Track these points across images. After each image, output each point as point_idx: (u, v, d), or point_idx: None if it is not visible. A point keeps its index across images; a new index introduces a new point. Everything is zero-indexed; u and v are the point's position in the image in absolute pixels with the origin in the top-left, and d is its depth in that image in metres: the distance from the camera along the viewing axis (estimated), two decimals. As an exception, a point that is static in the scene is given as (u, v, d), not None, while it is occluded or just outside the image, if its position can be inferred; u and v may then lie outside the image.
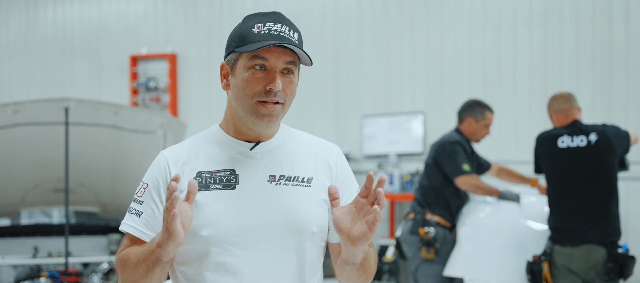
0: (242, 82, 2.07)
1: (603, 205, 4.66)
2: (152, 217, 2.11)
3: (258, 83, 2.05)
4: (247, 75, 2.06)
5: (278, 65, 2.05)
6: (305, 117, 8.71)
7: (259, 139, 2.16)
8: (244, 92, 2.07)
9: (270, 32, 2.04)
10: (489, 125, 5.55)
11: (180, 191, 2.06)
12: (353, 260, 2.02)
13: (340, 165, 2.24)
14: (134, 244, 2.11)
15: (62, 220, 6.22)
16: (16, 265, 5.71)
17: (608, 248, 4.62)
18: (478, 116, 5.50)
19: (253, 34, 2.05)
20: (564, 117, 4.90)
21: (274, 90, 2.03)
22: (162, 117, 5.86)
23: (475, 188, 5.31)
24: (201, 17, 9.54)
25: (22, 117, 5.35)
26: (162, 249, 1.87)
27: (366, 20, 8.74)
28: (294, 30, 2.08)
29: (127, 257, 2.05)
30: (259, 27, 2.05)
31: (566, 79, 7.88)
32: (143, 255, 1.97)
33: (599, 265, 4.61)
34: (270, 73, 2.05)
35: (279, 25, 2.05)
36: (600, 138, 4.70)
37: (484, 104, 5.56)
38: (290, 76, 2.08)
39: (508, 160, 7.52)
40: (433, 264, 5.24)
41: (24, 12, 10.46)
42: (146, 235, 2.10)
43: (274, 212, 2.08)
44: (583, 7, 7.84)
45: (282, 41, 2.02)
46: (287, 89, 2.07)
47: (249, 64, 2.06)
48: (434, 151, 5.50)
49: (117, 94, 9.87)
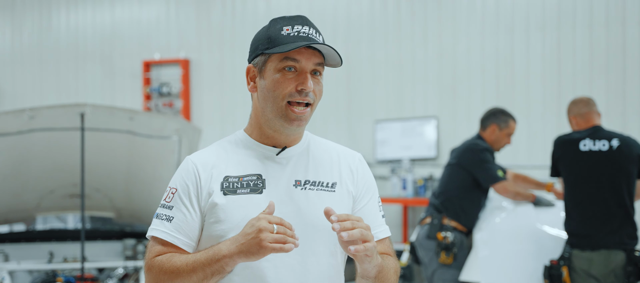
0: (272, 84, 2.10)
1: (622, 210, 4.64)
2: (183, 221, 2.12)
3: (289, 84, 2.08)
4: (278, 76, 2.09)
5: (308, 66, 2.09)
6: (318, 122, 8.71)
7: (285, 144, 2.18)
8: (274, 93, 2.09)
9: (300, 34, 2.08)
10: (511, 134, 5.51)
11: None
12: (366, 274, 2.05)
13: (361, 172, 2.26)
14: (165, 250, 2.12)
15: (77, 225, 6.24)
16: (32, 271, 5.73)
17: (627, 252, 4.60)
18: (502, 124, 5.47)
19: (283, 36, 2.08)
20: (584, 122, 4.89)
21: (306, 90, 2.08)
22: (177, 122, 5.87)
23: (514, 195, 5.31)
24: (213, 23, 9.57)
25: (38, 122, 5.36)
26: (232, 259, 1.95)
27: (378, 25, 8.74)
28: (319, 33, 2.13)
29: (169, 264, 2.06)
30: (288, 29, 2.08)
31: (580, 84, 7.86)
32: (200, 263, 2.00)
33: (618, 269, 4.59)
34: (301, 74, 2.09)
35: (307, 27, 2.10)
36: (622, 144, 4.69)
37: (508, 112, 5.52)
38: (318, 77, 2.13)
39: (521, 165, 7.50)
40: (450, 269, 5.23)
41: (38, 18, 10.52)
42: (179, 240, 2.11)
43: (300, 216, 2.10)
44: (596, 11, 7.82)
45: (313, 43, 2.06)
46: (316, 90, 2.12)
47: (280, 66, 2.09)
48: (459, 157, 5.46)
49: (130, 100, 9.90)
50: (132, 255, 5.85)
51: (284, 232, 1.91)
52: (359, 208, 2.21)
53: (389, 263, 2.15)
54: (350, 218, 1.95)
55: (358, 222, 1.95)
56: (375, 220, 2.23)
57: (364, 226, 1.96)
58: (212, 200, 2.10)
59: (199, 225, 2.13)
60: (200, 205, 2.12)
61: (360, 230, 1.94)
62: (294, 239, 1.91)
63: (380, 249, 2.22)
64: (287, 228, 1.92)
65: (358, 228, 1.94)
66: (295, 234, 1.93)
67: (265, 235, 1.90)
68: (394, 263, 2.19)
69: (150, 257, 2.12)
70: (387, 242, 2.26)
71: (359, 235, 1.93)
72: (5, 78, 10.75)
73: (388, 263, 2.14)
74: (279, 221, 1.92)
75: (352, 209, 2.21)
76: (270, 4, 9.17)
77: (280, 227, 1.91)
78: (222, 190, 2.10)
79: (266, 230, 1.90)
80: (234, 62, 9.37)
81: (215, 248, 1.99)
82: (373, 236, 1.99)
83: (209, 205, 2.10)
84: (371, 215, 2.22)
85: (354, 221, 1.95)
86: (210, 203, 2.10)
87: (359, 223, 1.95)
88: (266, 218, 1.92)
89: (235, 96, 9.36)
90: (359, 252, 1.93)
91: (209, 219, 2.11)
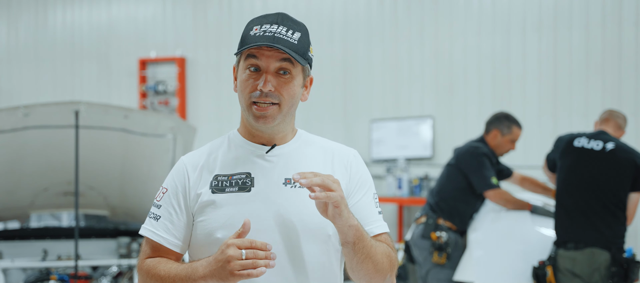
0: (240, 83, 2.11)
1: (607, 211, 4.64)
2: (170, 221, 2.14)
3: (251, 83, 2.07)
4: (244, 76, 2.09)
5: (270, 65, 2.06)
6: (314, 121, 8.71)
7: (273, 142, 2.17)
8: (241, 92, 2.10)
9: (265, 33, 2.05)
10: (515, 140, 5.46)
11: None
12: (344, 238, 2.00)
13: (356, 167, 2.23)
14: (154, 250, 2.15)
15: (71, 223, 6.22)
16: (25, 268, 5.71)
17: (612, 253, 4.60)
18: (505, 130, 5.42)
19: (250, 36, 2.07)
20: (599, 124, 4.99)
21: (263, 91, 2.04)
22: (172, 121, 5.85)
23: (505, 203, 5.27)
24: (210, 21, 9.56)
25: (32, 120, 5.35)
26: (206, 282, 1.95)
27: (375, 25, 8.73)
28: (294, 31, 2.08)
29: (155, 271, 2.08)
30: (256, 28, 2.07)
31: (576, 84, 7.86)
32: (180, 278, 2.01)
33: (602, 269, 4.59)
34: (262, 73, 2.06)
35: (276, 26, 2.06)
36: (618, 149, 4.69)
37: (512, 118, 5.47)
38: (286, 76, 2.08)
39: (517, 165, 7.49)
40: (444, 269, 5.23)
41: (33, 16, 10.50)
42: (164, 239, 2.13)
43: (289, 214, 2.08)
44: (593, 12, 7.82)
45: (274, 42, 2.03)
46: (283, 89, 2.07)
47: (245, 65, 2.09)
48: (458, 158, 5.44)
49: (126, 98, 9.88)
50: (126, 253, 5.84)
51: (255, 255, 1.89)
52: (353, 203, 2.16)
53: (380, 245, 2.11)
54: (318, 174, 1.92)
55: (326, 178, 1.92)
56: (371, 215, 2.18)
57: (331, 179, 1.92)
58: (201, 200, 2.11)
59: (186, 225, 2.14)
60: (188, 205, 2.13)
61: (321, 178, 1.91)
62: (268, 260, 1.89)
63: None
64: (259, 249, 1.90)
65: (320, 177, 1.91)
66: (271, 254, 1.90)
67: (234, 264, 1.89)
68: (386, 248, 2.14)
69: (140, 258, 2.17)
70: (384, 237, 2.20)
71: (320, 181, 1.90)
72: (1, 75, 10.73)
73: (376, 243, 2.09)
74: (249, 245, 1.90)
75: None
76: (267, 2, 9.16)
77: (250, 251, 1.89)
78: (211, 189, 2.11)
79: (234, 259, 1.89)
80: (230, 61, 9.30)
81: (194, 267, 2.00)
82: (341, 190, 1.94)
83: (199, 205, 2.11)
84: (366, 210, 2.17)
85: (322, 177, 1.91)
86: (199, 204, 2.11)
87: (326, 177, 1.92)
88: (235, 244, 1.90)
89: (231, 94, 9.24)
90: (318, 199, 1.89)
91: (198, 218, 2.12)
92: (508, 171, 5.65)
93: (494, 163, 5.45)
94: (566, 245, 4.69)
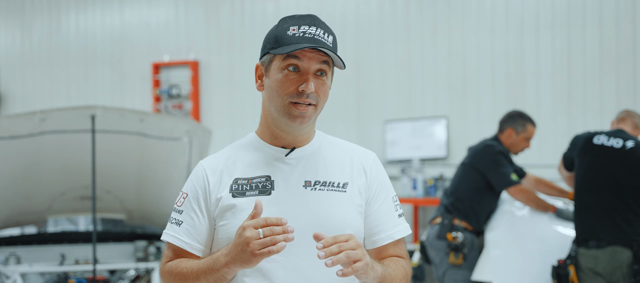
0: (275, 83, 2.09)
1: (629, 208, 4.62)
2: (192, 225, 2.15)
3: (291, 84, 2.07)
4: (281, 76, 2.08)
5: (311, 67, 2.07)
6: (328, 123, 8.71)
7: (294, 144, 2.17)
8: (277, 92, 2.09)
9: (305, 34, 2.06)
10: (529, 138, 5.41)
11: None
12: None
13: (375, 171, 2.24)
14: (176, 255, 2.16)
15: (89, 227, 6.25)
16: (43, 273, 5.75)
17: (634, 250, 4.58)
18: (519, 128, 5.38)
19: (288, 36, 2.07)
20: (616, 123, 4.97)
21: (307, 92, 2.06)
22: (187, 124, 5.87)
23: (528, 201, 5.21)
24: (222, 24, 9.58)
25: (49, 125, 5.38)
26: (229, 269, 1.96)
27: (387, 25, 8.73)
28: (328, 33, 2.10)
29: (177, 270, 2.10)
30: (294, 29, 2.07)
31: (590, 83, 7.83)
32: (203, 271, 2.02)
33: (624, 266, 4.57)
34: (303, 75, 2.07)
35: (314, 28, 2.07)
36: (638, 147, 4.67)
37: (526, 116, 5.42)
38: (323, 78, 2.10)
39: (532, 164, 7.47)
40: (461, 269, 5.20)
41: (47, 21, 10.55)
42: (187, 244, 2.14)
43: (309, 217, 2.09)
44: (606, 10, 7.79)
45: (316, 44, 2.04)
46: (320, 91, 2.09)
47: (283, 65, 2.08)
48: (472, 157, 5.40)
49: (139, 102, 9.92)
50: (143, 256, 5.86)
51: (271, 232, 1.89)
52: (373, 209, 2.19)
53: (396, 271, 2.13)
54: (337, 240, 1.91)
55: (346, 243, 1.91)
56: (391, 220, 2.21)
57: (352, 246, 1.91)
58: (222, 204, 2.11)
59: (208, 229, 2.15)
60: (209, 210, 2.14)
61: (346, 253, 1.90)
62: (286, 234, 1.89)
63: (392, 252, 2.21)
64: (275, 225, 1.90)
65: (344, 252, 1.90)
66: (288, 227, 1.90)
67: (253, 244, 1.89)
68: (402, 269, 2.17)
69: (162, 262, 2.18)
70: (401, 243, 2.23)
71: (345, 258, 1.89)
72: (15, 81, 10.79)
73: (395, 271, 2.12)
74: (264, 223, 1.90)
75: (366, 209, 2.19)
76: (279, 5, 9.17)
77: (266, 229, 1.89)
78: (231, 193, 2.12)
79: (252, 239, 1.89)
80: (243, 63, 9.38)
81: (215, 257, 2.01)
82: (364, 253, 1.95)
83: (219, 209, 2.12)
84: (386, 215, 2.20)
85: (341, 243, 1.91)
86: (219, 208, 2.12)
87: (346, 244, 1.91)
88: (250, 225, 1.90)
89: (245, 97, 9.36)
90: (347, 275, 1.90)
91: (219, 222, 2.13)
92: (521, 173, 5.57)
93: (509, 162, 5.42)
94: (588, 243, 4.66)
